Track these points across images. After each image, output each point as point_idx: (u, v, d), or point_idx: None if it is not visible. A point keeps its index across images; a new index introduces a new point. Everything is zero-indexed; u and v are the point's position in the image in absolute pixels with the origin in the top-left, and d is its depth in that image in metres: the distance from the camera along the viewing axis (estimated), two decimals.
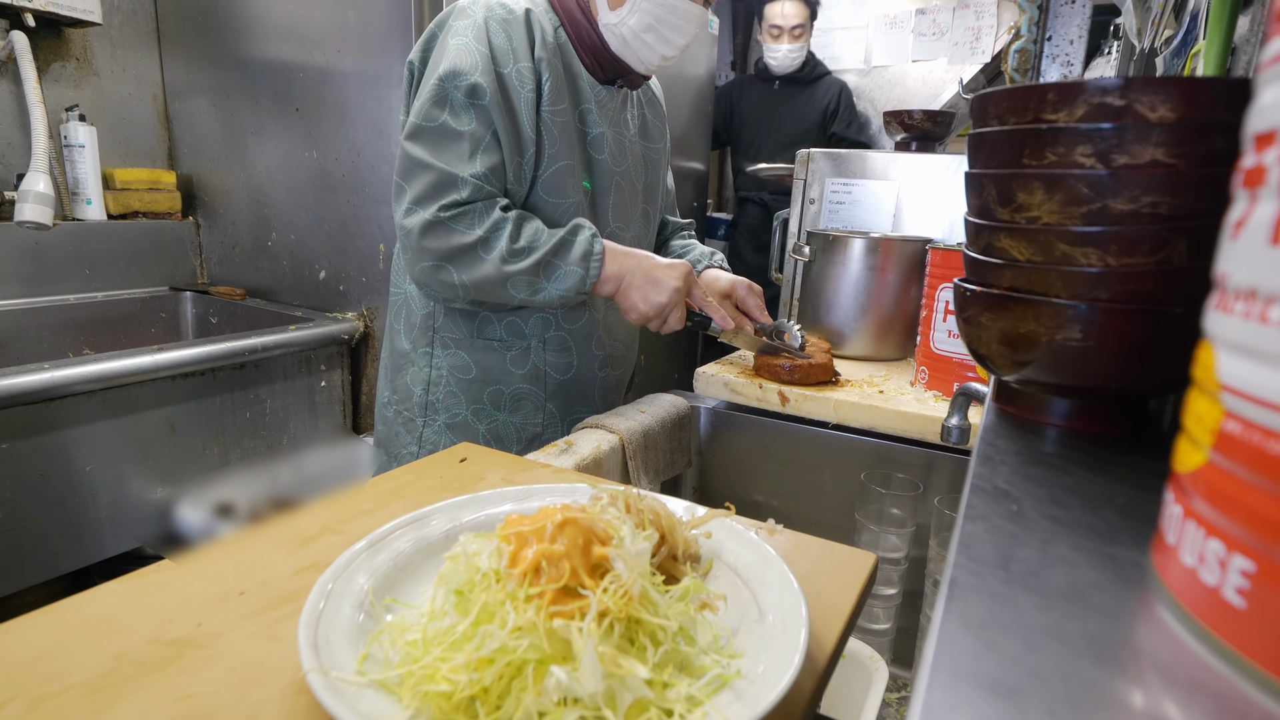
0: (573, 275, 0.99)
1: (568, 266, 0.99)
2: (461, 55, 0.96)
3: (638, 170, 1.20)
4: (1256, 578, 0.21)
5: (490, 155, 0.97)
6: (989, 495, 0.34)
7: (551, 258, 0.99)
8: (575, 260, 0.99)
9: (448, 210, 0.95)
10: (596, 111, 1.09)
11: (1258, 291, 0.21)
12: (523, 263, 0.97)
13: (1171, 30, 0.88)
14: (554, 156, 1.04)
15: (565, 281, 0.99)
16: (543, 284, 0.99)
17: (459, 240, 0.95)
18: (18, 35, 1.61)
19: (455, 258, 0.97)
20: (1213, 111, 0.36)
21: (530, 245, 0.98)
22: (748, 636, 0.45)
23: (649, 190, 1.24)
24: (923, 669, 0.22)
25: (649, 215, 1.25)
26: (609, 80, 1.11)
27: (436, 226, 0.95)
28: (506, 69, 0.98)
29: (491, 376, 1.14)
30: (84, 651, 0.43)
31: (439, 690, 0.36)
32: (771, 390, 1.17)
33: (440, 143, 0.96)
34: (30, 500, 1.23)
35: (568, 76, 1.05)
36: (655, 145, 1.25)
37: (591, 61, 1.08)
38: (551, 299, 1.00)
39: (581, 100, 1.08)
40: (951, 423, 0.76)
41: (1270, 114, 0.22)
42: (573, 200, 1.07)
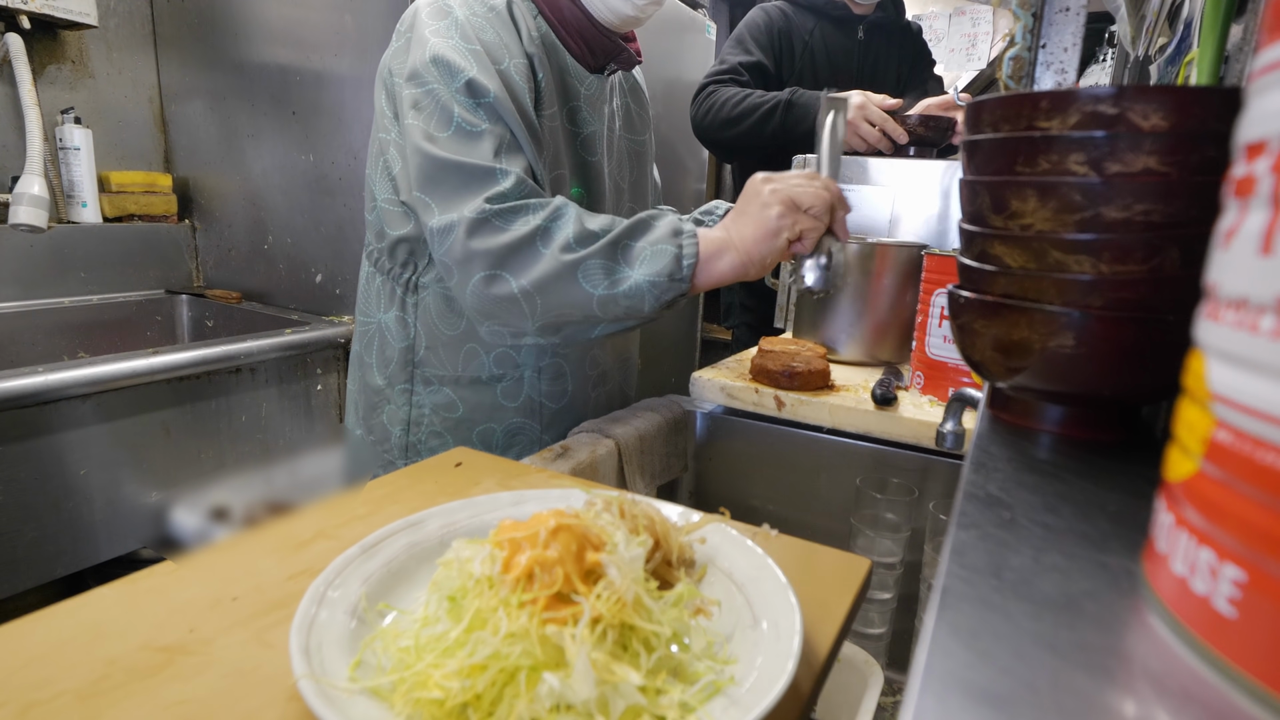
0: (663, 255, 0.80)
1: (654, 246, 0.81)
2: (450, 53, 0.85)
3: (622, 167, 1.10)
4: (1247, 587, 0.21)
5: (515, 155, 0.85)
6: (981, 502, 0.34)
7: (628, 239, 0.82)
8: (663, 237, 0.81)
9: (494, 203, 0.81)
10: (586, 108, 0.99)
11: (1248, 301, 0.21)
12: (593, 245, 0.81)
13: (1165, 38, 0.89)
14: (551, 163, 0.94)
15: (654, 263, 0.80)
16: (624, 270, 0.81)
17: (512, 235, 0.80)
18: (13, 38, 1.61)
19: (510, 258, 0.81)
20: (1205, 120, 0.37)
21: (602, 229, 0.82)
22: (742, 642, 0.45)
23: (636, 187, 1.13)
24: (913, 677, 0.22)
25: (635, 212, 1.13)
26: (600, 67, 0.99)
27: (483, 224, 0.80)
28: (504, 64, 0.87)
29: (481, 414, 1.02)
30: (75, 657, 0.43)
31: (431, 697, 0.36)
32: (768, 395, 1.17)
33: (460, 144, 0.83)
34: (25, 503, 1.23)
35: (555, 73, 0.95)
36: (640, 138, 1.13)
37: (579, 46, 0.96)
38: (641, 289, 0.81)
39: (571, 98, 0.97)
40: (946, 428, 0.76)
41: (1261, 124, 0.22)
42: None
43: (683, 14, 2.81)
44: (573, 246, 0.80)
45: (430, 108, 0.84)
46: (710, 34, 3.02)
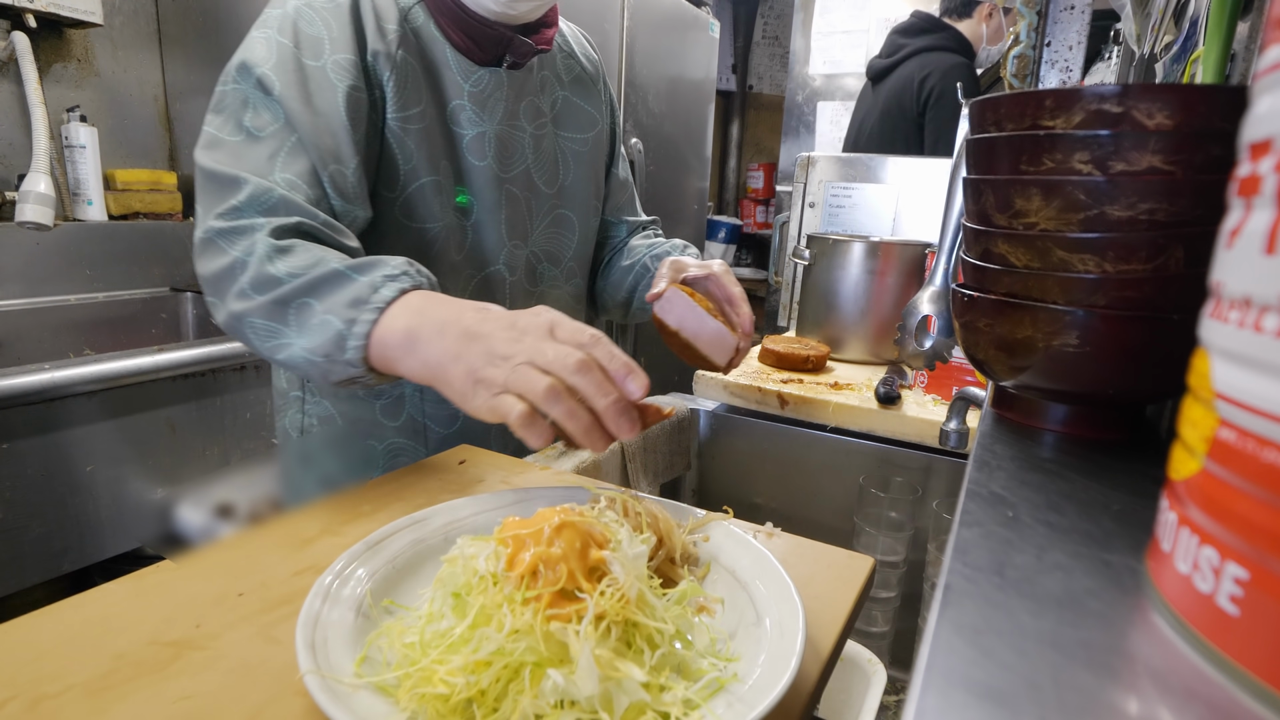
0: (326, 327, 0.65)
1: (327, 314, 0.65)
2: (256, 47, 0.77)
3: (548, 169, 0.97)
4: (1250, 585, 0.21)
5: (296, 160, 0.74)
6: (985, 500, 0.34)
7: (307, 295, 0.66)
8: (341, 305, 0.65)
9: (221, 220, 0.70)
10: (473, 107, 0.87)
11: (1252, 300, 0.21)
12: (262, 296, 0.67)
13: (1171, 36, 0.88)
14: (411, 174, 0.83)
15: (315, 335, 0.65)
16: (285, 332, 0.67)
17: (218, 263, 0.70)
18: (19, 36, 1.61)
19: (215, 287, 0.71)
20: (1210, 119, 0.37)
21: (289, 274, 0.67)
22: (745, 639, 0.45)
23: (569, 191, 1.00)
24: (916, 674, 0.22)
25: (573, 222, 1.02)
26: (492, 60, 0.88)
27: (207, 245, 0.71)
28: (318, 61, 0.77)
29: (361, 430, 0.92)
30: (83, 652, 0.43)
31: (436, 692, 0.36)
32: (771, 394, 1.17)
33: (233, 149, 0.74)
34: (31, 500, 1.24)
35: (427, 71, 0.84)
36: (583, 135, 1.01)
37: (463, 39, 0.86)
38: (295, 361, 0.67)
39: (450, 96, 0.86)
40: (950, 427, 0.76)
41: (1265, 123, 0.22)
42: (443, 223, 0.87)
43: (686, 13, 2.80)
44: (247, 293, 0.68)
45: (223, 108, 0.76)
46: (714, 32, 3.01)
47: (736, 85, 4.54)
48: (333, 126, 0.76)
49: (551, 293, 1.03)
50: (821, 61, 3.24)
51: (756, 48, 4.55)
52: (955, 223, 0.74)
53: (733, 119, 4.73)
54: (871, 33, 3.25)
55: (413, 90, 0.82)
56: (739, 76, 4.51)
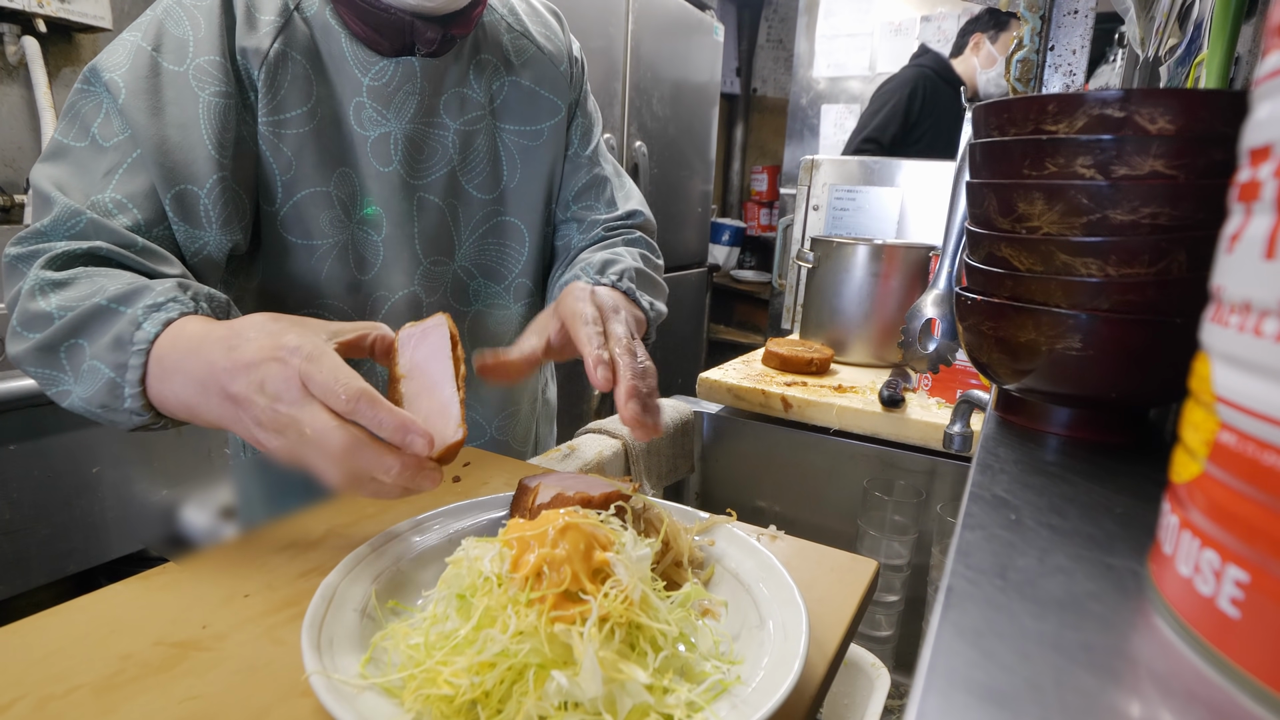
0: (96, 374, 0.57)
1: (91, 360, 0.57)
2: (114, 50, 0.68)
3: (484, 171, 0.85)
4: (1251, 588, 0.21)
5: (134, 178, 0.66)
6: (988, 503, 0.34)
7: (75, 335, 0.58)
8: (105, 347, 0.57)
9: (19, 245, 0.62)
10: (374, 104, 0.76)
11: (1252, 305, 0.22)
12: (31, 339, 0.59)
13: (1175, 39, 0.88)
14: (291, 184, 0.73)
15: (88, 384, 0.57)
16: (62, 379, 0.59)
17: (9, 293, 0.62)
18: (29, 41, 1.63)
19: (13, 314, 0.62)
20: (1212, 124, 0.37)
21: (60, 309, 0.58)
22: (748, 642, 0.45)
23: (516, 194, 0.87)
24: (918, 676, 0.22)
25: (518, 230, 0.89)
26: (400, 50, 0.76)
27: (9, 270, 0.63)
28: (180, 66, 0.68)
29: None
30: (90, 652, 0.44)
31: (440, 694, 0.36)
32: (775, 396, 1.17)
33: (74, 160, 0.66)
34: (37, 501, 1.24)
35: (316, 64, 0.74)
36: (534, 126, 0.87)
37: (362, 27, 0.74)
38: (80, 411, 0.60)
39: (347, 93, 0.75)
40: (954, 430, 0.76)
41: (1266, 129, 0.22)
42: (335, 240, 0.76)
43: (690, 16, 2.81)
44: (18, 332, 0.61)
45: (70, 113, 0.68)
46: (718, 35, 3.02)
47: (740, 88, 4.55)
48: (187, 141, 0.67)
49: (493, 314, 0.90)
50: (825, 65, 3.25)
51: (760, 51, 4.56)
52: (959, 226, 0.74)
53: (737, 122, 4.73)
54: (875, 36, 3.26)
55: (294, 89, 0.72)
56: (743, 79, 4.51)
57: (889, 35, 3.23)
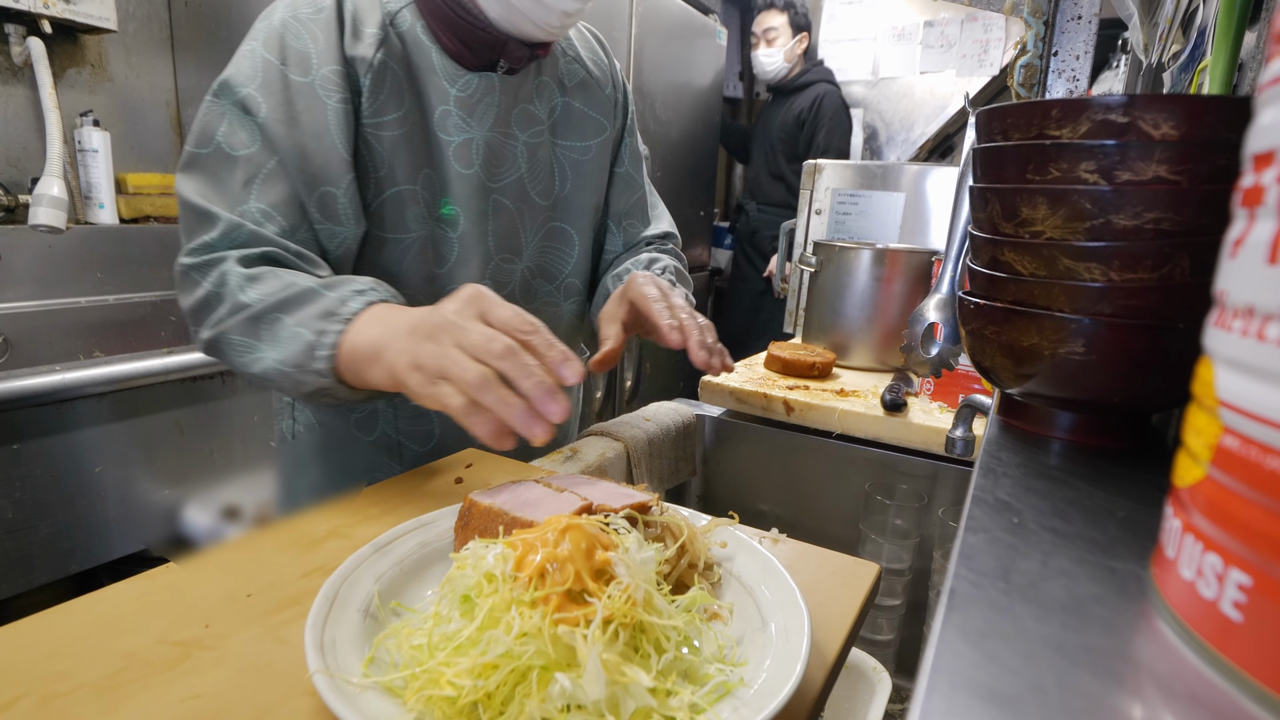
0: (297, 339, 0.67)
1: (298, 325, 0.67)
2: (241, 63, 0.76)
3: (543, 180, 0.93)
4: (1253, 592, 0.21)
5: (275, 188, 0.74)
6: (991, 507, 0.34)
7: (278, 311, 0.68)
8: (311, 318, 0.67)
9: (192, 255, 0.72)
10: (460, 112, 0.84)
11: (1255, 309, 0.22)
12: (234, 318, 0.70)
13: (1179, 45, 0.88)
14: (383, 181, 0.81)
15: (286, 347, 0.67)
16: (257, 346, 0.69)
17: (195, 295, 0.72)
18: (34, 42, 1.63)
19: (196, 318, 0.74)
20: (1216, 129, 0.37)
21: (261, 298, 0.69)
22: (750, 645, 0.45)
23: (568, 202, 0.96)
24: (921, 677, 0.22)
25: (570, 236, 0.98)
26: (485, 65, 0.85)
27: (183, 278, 0.73)
28: (306, 77, 0.76)
29: (337, 443, 0.91)
30: (93, 651, 0.44)
31: (443, 695, 0.36)
32: (777, 400, 1.17)
33: (210, 172, 0.74)
34: (40, 500, 1.24)
35: (409, 74, 0.81)
36: (583, 143, 0.97)
37: (455, 44, 0.82)
38: (268, 373, 0.69)
39: (435, 101, 0.83)
40: (956, 434, 0.76)
41: (1269, 134, 0.22)
42: (418, 233, 0.84)
43: (694, 19, 2.82)
44: (221, 319, 0.71)
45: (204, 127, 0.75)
46: (721, 39, 3.02)
47: (743, 92, 4.55)
48: (323, 146, 0.75)
49: (548, 311, 0.98)
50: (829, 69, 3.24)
51: None
52: (962, 230, 0.74)
53: None
54: (878, 40, 3.26)
55: (391, 95, 0.80)
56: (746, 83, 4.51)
57: (891, 40, 3.24)
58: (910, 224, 1.70)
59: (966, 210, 0.72)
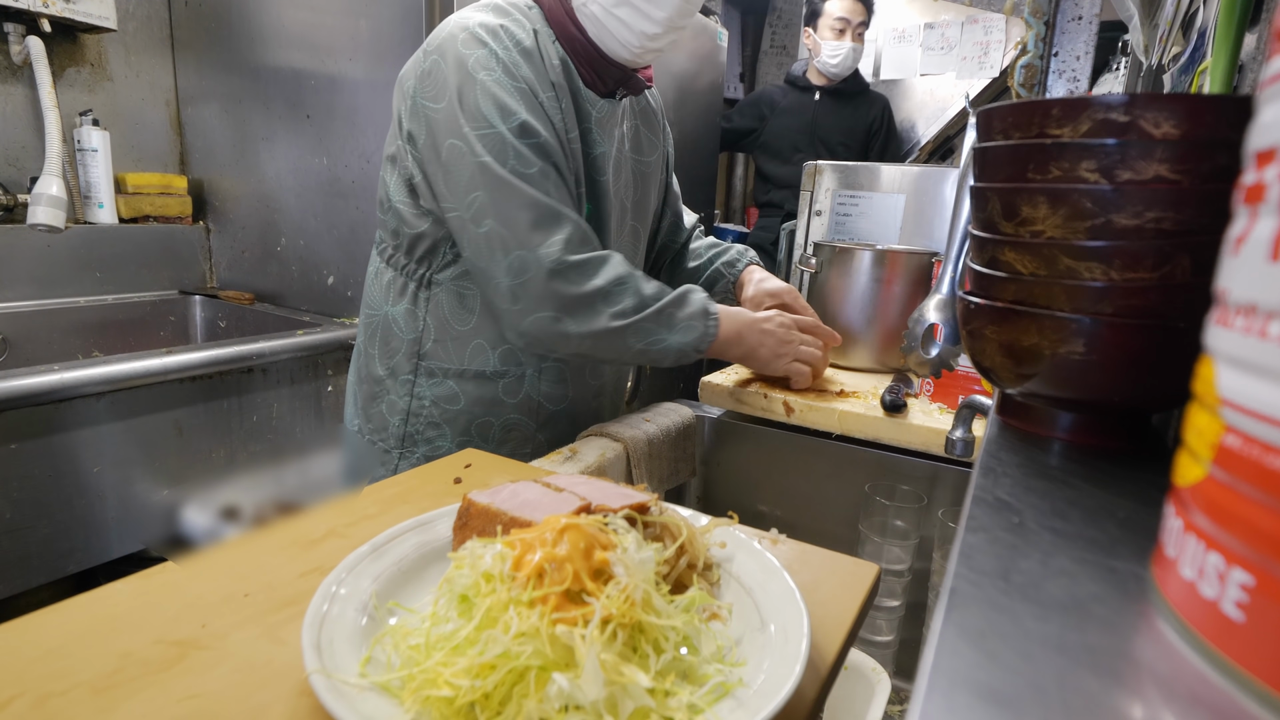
0: (693, 329, 0.98)
1: (689, 320, 0.98)
2: (500, 91, 0.91)
3: (628, 187, 1.14)
4: (1255, 591, 0.21)
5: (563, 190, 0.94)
6: (991, 506, 0.34)
7: (673, 309, 0.97)
8: (694, 314, 0.98)
9: (571, 251, 0.91)
10: (597, 130, 1.03)
11: (1257, 307, 0.22)
12: (646, 311, 0.95)
13: (1179, 47, 0.88)
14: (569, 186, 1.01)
15: (686, 334, 0.97)
16: (663, 335, 0.96)
17: (582, 290, 0.92)
18: (34, 41, 1.63)
19: (576, 309, 0.93)
20: (1216, 128, 0.37)
21: (654, 296, 0.96)
22: (749, 645, 0.45)
23: (638, 206, 1.17)
24: (921, 676, 0.22)
25: (638, 233, 1.19)
26: (609, 92, 1.05)
27: (561, 273, 0.91)
28: (541, 97, 0.94)
29: (481, 408, 1.06)
30: (90, 650, 0.44)
31: (440, 695, 0.36)
32: (776, 400, 1.17)
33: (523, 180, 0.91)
34: (38, 500, 1.24)
35: (573, 95, 1.00)
36: (647, 159, 1.18)
37: (589, 73, 1.01)
38: (670, 351, 0.98)
39: (583, 119, 1.02)
40: (956, 435, 0.76)
41: (1271, 131, 0.22)
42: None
43: (694, 21, 2.81)
44: (628, 313, 0.94)
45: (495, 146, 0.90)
46: (722, 41, 3.02)
47: (744, 94, 4.55)
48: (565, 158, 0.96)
49: None
50: None
51: (765, 56, 4.56)
52: (962, 230, 0.74)
53: None
54: (879, 42, 3.26)
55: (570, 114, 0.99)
56: (747, 85, 4.52)
57: (892, 41, 3.23)
58: (910, 225, 1.70)
59: (967, 210, 0.72)
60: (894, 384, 1.14)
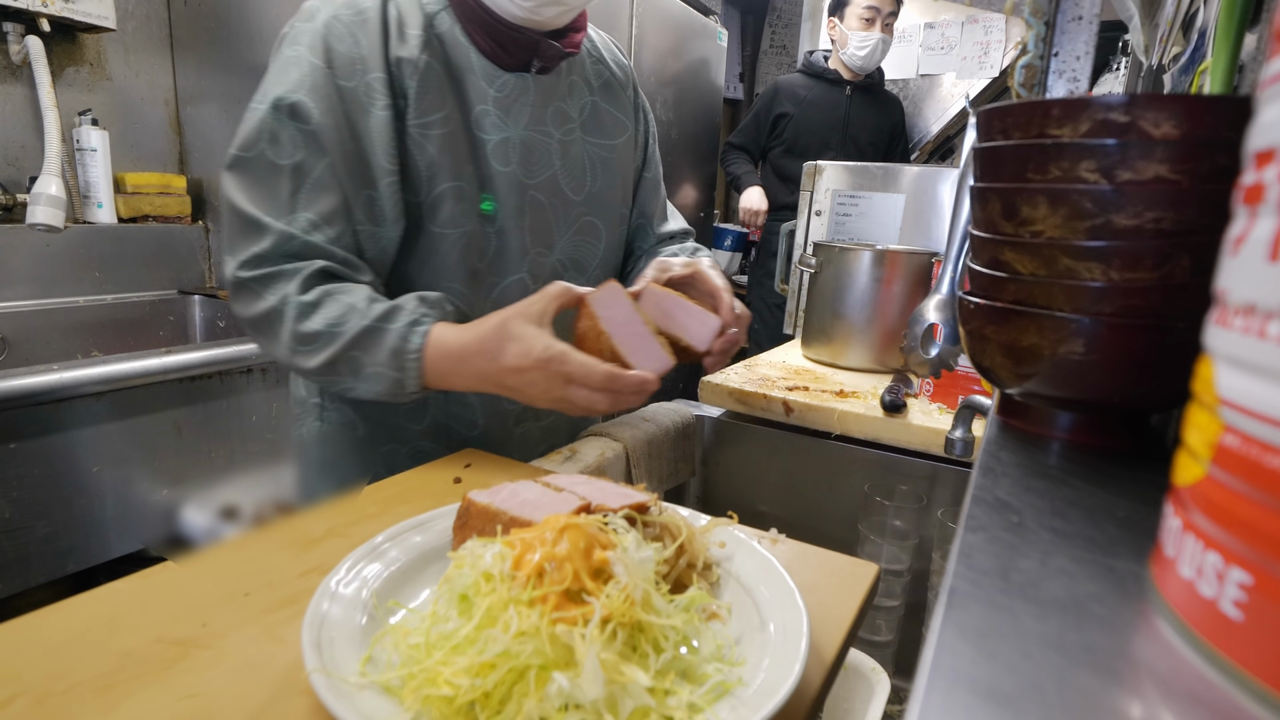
0: (382, 379, 0.76)
1: (375, 366, 0.75)
2: (289, 69, 0.78)
3: (575, 176, 0.96)
4: (1253, 590, 0.21)
5: (322, 195, 0.77)
6: (990, 506, 0.34)
7: (355, 350, 0.75)
8: (384, 360, 0.75)
9: (247, 268, 0.76)
10: (498, 112, 0.87)
11: (1256, 307, 0.22)
12: (317, 355, 0.75)
13: (1180, 47, 0.88)
14: (434, 179, 0.83)
15: (375, 384, 0.76)
16: (344, 380, 0.77)
17: (256, 308, 0.76)
18: (33, 40, 1.63)
19: (257, 328, 0.78)
20: (1216, 129, 0.37)
21: (329, 330, 0.75)
22: (749, 645, 0.45)
23: (597, 198, 0.99)
24: (920, 675, 0.22)
25: (598, 229, 1.01)
26: (519, 65, 0.88)
27: (241, 289, 0.77)
28: (351, 82, 0.78)
29: (384, 435, 0.94)
30: (90, 649, 0.44)
31: (441, 694, 0.36)
32: (776, 400, 1.17)
33: (259, 179, 0.77)
34: (37, 499, 1.24)
35: (450, 74, 0.84)
36: (610, 142, 1.00)
37: (488, 42, 0.85)
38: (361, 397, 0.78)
39: (474, 100, 0.86)
40: (955, 435, 0.76)
41: (1270, 132, 0.22)
42: (465, 229, 0.86)
43: (694, 21, 2.82)
44: (296, 346, 0.76)
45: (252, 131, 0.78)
46: (722, 40, 3.02)
47: (744, 94, 4.55)
48: (368, 150, 0.78)
49: None
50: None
51: (764, 56, 4.56)
52: (962, 231, 0.74)
53: None
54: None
55: (435, 95, 0.82)
56: (746, 85, 4.52)
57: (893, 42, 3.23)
58: (910, 225, 1.70)
59: (967, 210, 0.72)
60: (894, 384, 1.14)
